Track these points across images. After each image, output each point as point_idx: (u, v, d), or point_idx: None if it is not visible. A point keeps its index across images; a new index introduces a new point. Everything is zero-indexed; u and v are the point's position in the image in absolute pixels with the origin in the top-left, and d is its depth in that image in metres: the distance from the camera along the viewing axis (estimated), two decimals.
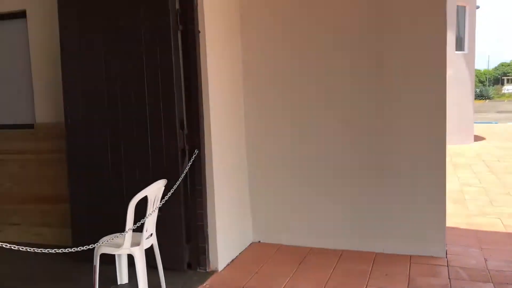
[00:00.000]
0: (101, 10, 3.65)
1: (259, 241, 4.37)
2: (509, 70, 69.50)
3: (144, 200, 3.10)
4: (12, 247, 2.29)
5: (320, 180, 4.13)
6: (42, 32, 4.25)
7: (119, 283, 3.50)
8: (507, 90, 57.40)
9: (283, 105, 4.18)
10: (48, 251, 2.48)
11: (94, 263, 3.13)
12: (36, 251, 2.40)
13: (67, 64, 3.82)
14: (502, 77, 67.39)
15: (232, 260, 3.94)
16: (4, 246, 2.24)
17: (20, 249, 2.34)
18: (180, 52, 3.59)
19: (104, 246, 3.12)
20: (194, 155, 3.63)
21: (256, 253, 4.10)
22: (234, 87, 4.13)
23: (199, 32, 3.56)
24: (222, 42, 3.88)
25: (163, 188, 3.31)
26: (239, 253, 4.09)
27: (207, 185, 3.68)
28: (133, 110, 3.65)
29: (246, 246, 4.25)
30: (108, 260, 3.33)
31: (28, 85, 4.43)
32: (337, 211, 4.10)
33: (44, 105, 4.35)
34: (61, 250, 2.61)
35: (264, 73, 4.20)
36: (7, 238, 4.43)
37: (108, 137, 3.75)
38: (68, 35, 3.78)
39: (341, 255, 3.98)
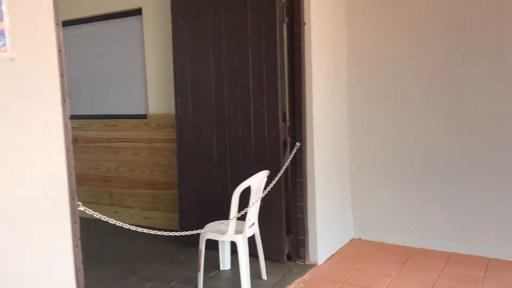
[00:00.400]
0: (210, 6, 3.79)
1: (360, 238, 4.27)
2: None
3: (248, 190, 3.18)
4: (131, 228, 2.47)
5: (427, 178, 3.91)
6: (155, 29, 4.53)
7: (221, 268, 3.63)
8: None
9: (388, 100, 4.02)
10: (162, 233, 2.64)
11: (200, 248, 3.28)
12: (151, 233, 2.56)
13: (178, 59, 4.02)
14: None
15: (332, 255, 3.90)
16: (124, 226, 2.42)
17: (138, 230, 2.51)
18: (285, 44, 3.61)
19: (209, 232, 3.25)
20: (295, 148, 3.63)
21: (357, 250, 4.01)
22: (338, 81, 4.05)
23: (305, 23, 3.54)
24: (327, 34, 3.83)
25: (266, 179, 3.37)
26: (339, 249, 4.03)
27: (308, 178, 3.67)
28: (238, 102, 3.75)
29: (346, 242, 4.17)
30: (212, 246, 3.46)
31: (142, 79, 4.75)
32: (446, 211, 3.86)
33: (156, 97, 4.63)
34: (173, 233, 2.76)
35: (370, 66, 4.07)
36: (121, 219, 4.79)
37: (214, 128, 3.89)
38: (179, 31, 3.98)
39: (448, 258, 3.74)
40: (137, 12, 4.62)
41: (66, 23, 4.85)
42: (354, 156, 4.22)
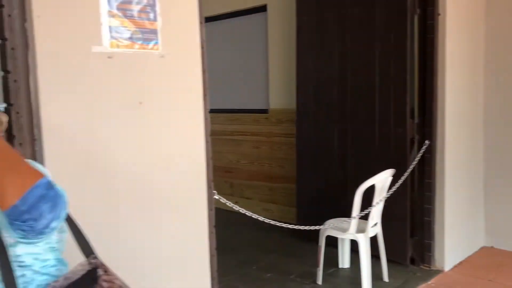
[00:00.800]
0: (338, 1, 3.73)
1: (492, 246, 3.91)
2: None
3: (371, 188, 3.09)
4: (259, 219, 2.54)
5: None
6: (279, 24, 4.59)
7: (340, 266, 3.59)
8: None
9: None
10: (292, 227, 2.68)
11: (319, 244, 3.27)
12: (276, 224, 2.61)
13: (301, 54, 4.03)
14: None
15: (460, 262, 3.63)
16: (253, 216, 2.50)
17: (265, 221, 2.57)
18: (416, 37, 3.42)
19: (330, 228, 3.22)
20: (424, 146, 3.44)
21: (488, 259, 3.68)
22: (473, 75, 3.74)
23: (439, 14, 3.32)
24: (463, 26, 3.54)
25: (391, 178, 3.24)
26: (468, 256, 3.73)
27: (437, 179, 3.45)
28: (362, 97, 3.65)
29: (476, 250, 3.85)
30: (331, 242, 3.42)
31: (265, 74, 4.85)
32: None
33: (277, 92, 4.70)
34: (297, 227, 2.78)
35: (510, 62, 3.69)
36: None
37: (335, 123, 3.84)
38: (303, 26, 3.98)
39: None
40: (262, 8, 4.72)
41: None
42: (490, 156, 3.86)
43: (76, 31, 1.69)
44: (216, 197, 2.25)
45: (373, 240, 3.24)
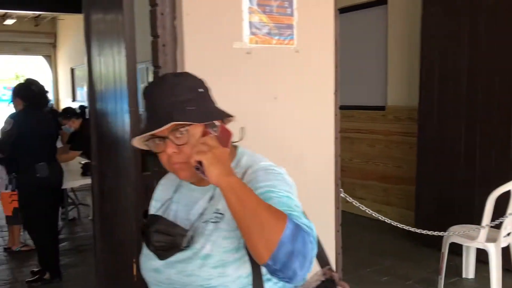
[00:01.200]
0: None
1: None
2: None
3: (504, 194, 2.83)
4: (386, 221, 2.45)
5: None
6: (401, 18, 4.38)
7: (463, 276, 3.35)
8: None
9: None
10: (416, 230, 2.55)
11: (442, 250, 3.08)
12: (399, 226, 2.50)
13: (426, 47, 3.81)
14: None
15: None
16: (379, 218, 2.42)
17: (398, 225, 2.47)
18: None
19: (456, 235, 3.01)
20: None
21: None
22: None
23: None
24: None
25: None
26: None
27: None
28: (495, 93, 3.37)
29: None
30: (453, 250, 3.19)
31: (383, 70, 4.67)
32: None
33: (396, 89, 4.50)
34: (425, 232, 2.64)
35: None
36: (351, 209, 4.86)
37: (463, 123, 3.58)
38: (430, 18, 3.76)
39: None
40: (382, 1, 4.54)
41: None
42: None
43: (219, 27, 1.75)
44: (343, 195, 2.20)
45: (504, 251, 2.97)
